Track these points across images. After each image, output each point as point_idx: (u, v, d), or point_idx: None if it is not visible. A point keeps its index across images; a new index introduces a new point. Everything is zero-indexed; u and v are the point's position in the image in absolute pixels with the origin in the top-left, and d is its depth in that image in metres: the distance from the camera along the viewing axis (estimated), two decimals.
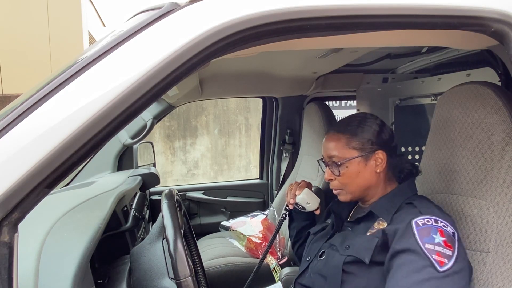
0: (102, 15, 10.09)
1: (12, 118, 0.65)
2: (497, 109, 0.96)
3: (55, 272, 0.90)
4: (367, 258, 1.01)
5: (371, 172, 1.11)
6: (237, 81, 2.26)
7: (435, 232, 0.92)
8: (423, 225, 0.94)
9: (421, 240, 0.92)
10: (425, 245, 0.91)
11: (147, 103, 0.68)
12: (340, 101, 4.08)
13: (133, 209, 1.78)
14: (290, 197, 1.30)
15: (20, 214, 0.62)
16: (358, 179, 1.12)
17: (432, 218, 0.95)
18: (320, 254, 1.17)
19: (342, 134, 1.13)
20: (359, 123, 1.14)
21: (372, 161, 1.11)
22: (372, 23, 0.77)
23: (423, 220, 0.95)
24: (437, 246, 0.90)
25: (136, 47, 0.70)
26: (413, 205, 1.03)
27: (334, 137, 1.14)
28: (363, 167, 1.11)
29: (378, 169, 1.11)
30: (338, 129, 1.15)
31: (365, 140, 1.11)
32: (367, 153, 1.11)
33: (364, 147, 1.11)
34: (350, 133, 1.12)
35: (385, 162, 1.11)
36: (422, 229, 0.94)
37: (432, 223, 0.94)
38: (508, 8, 0.78)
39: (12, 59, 6.69)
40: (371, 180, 1.12)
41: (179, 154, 6.05)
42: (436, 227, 0.93)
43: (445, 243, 0.91)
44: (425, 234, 0.93)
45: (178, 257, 0.86)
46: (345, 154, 1.11)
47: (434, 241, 0.91)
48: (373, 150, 1.11)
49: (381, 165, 1.11)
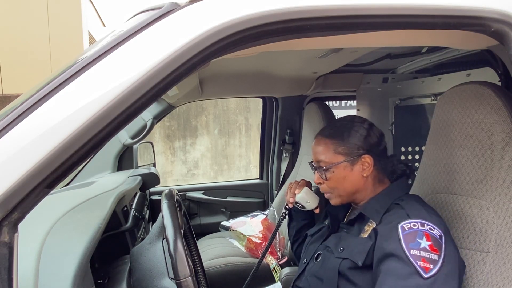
0: (102, 15, 10.09)
1: (12, 118, 0.65)
2: (497, 109, 0.96)
3: (55, 272, 0.90)
4: (360, 261, 1.01)
5: (358, 176, 1.12)
6: (237, 81, 2.26)
7: (420, 237, 0.92)
8: (409, 230, 0.94)
9: (406, 246, 0.91)
10: (410, 251, 0.90)
11: (147, 103, 0.68)
12: (340, 101, 4.07)
13: (133, 209, 1.78)
14: (290, 196, 1.31)
15: (20, 214, 0.62)
16: (345, 183, 1.12)
17: (419, 222, 0.95)
18: (316, 256, 1.17)
19: (329, 139, 1.14)
20: (346, 128, 1.14)
21: (358, 165, 1.11)
22: (372, 23, 0.77)
23: (409, 224, 0.95)
24: (422, 252, 0.90)
25: (136, 47, 0.70)
26: (400, 206, 1.03)
27: (321, 141, 1.16)
28: (349, 172, 1.12)
29: (365, 173, 1.12)
30: (325, 134, 1.16)
31: (352, 145, 1.12)
32: (354, 158, 1.11)
33: (351, 152, 1.11)
34: (336, 139, 1.13)
35: (372, 166, 1.12)
36: (408, 234, 0.93)
37: (418, 227, 0.94)
38: (508, 8, 0.78)
39: (12, 59, 6.69)
40: (359, 184, 1.13)
41: (179, 154, 6.05)
42: (422, 231, 0.93)
43: (431, 247, 0.91)
44: (411, 240, 0.92)
45: (178, 257, 0.86)
46: (332, 159, 1.12)
47: (419, 246, 0.91)
48: (360, 154, 1.11)
49: (368, 169, 1.11)
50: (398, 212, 1.02)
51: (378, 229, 1.02)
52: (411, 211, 1.00)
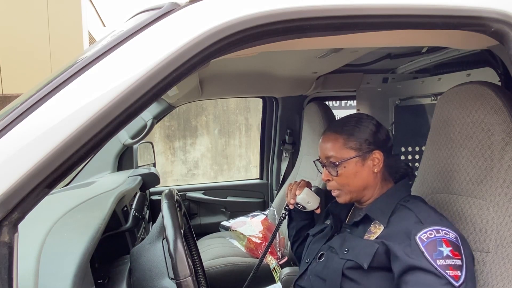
0: (102, 15, 10.09)
1: (12, 118, 0.65)
2: (497, 109, 0.96)
3: (55, 272, 0.90)
4: (366, 264, 1.00)
5: (368, 172, 1.11)
6: (237, 81, 2.26)
7: (440, 245, 0.92)
8: (428, 240, 0.93)
9: (431, 257, 0.91)
10: (437, 263, 0.90)
11: (147, 103, 0.68)
12: (340, 101, 4.08)
13: (133, 209, 1.78)
14: (291, 197, 1.30)
15: (20, 214, 0.62)
16: (356, 179, 1.11)
17: (434, 229, 0.94)
18: (319, 256, 1.17)
19: (339, 134, 1.13)
20: (355, 123, 1.13)
21: (369, 161, 1.11)
22: (372, 23, 0.77)
23: (425, 234, 0.94)
24: (447, 260, 0.90)
25: (136, 47, 0.70)
26: (408, 209, 1.03)
27: (331, 137, 1.14)
28: (360, 167, 1.11)
29: (376, 169, 1.11)
30: (335, 129, 1.15)
31: (362, 140, 1.11)
32: (365, 153, 1.10)
33: (362, 147, 1.11)
34: (347, 133, 1.12)
35: (382, 162, 1.11)
36: (428, 244, 0.93)
37: (435, 235, 0.93)
38: (508, 8, 0.78)
39: (12, 59, 6.69)
40: (369, 180, 1.12)
41: (179, 154, 6.04)
42: (440, 238, 0.93)
43: (452, 252, 0.91)
44: (433, 250, 0.92)
45: (178, 257, 0.86)
46: (343, 154, 1.11)
47: (443, 255, 0.91)
48: (370, 150, 1.11)
49: (378, 165, 1.11)
50: (406, 215, 1.02)
51: (387, 234, 1.01)
52: (421, 214, 0.99)
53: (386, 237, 1.01)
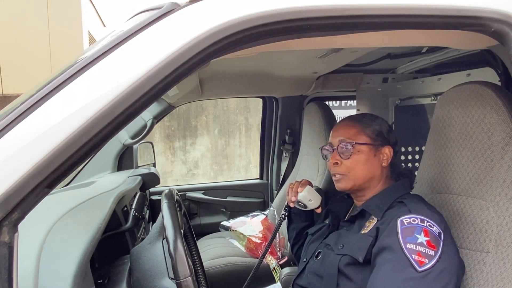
0: (102, 15, 10.10)
1: (12, 118, 0.65)
2: (497, 109, 0.96)
3: (55, 272, 0.90)
4: (361, 257, 1.01)
5: (377, 164, 1.14)
6: (237, 81, 2.26)
7: (419, 232, 0.93)
8: (408, 224, 0.95)
9: (403, 239, 0.93)
10: (406, 245, 0.91)
11: (147, 103, 0.68)
12: (340, 101, 4.08)
13: (133, 209, 1.78)
14: (292, 194, 1.30)
15: (20, 214, 0.62)
16: (365, 167, 1.13)
17: (419, 218, 0.96)
18: (316, 255, 1.18)
19: (358, 122, 1.18)
20: (373, 118, 1.19)
21: (380, 154, 1.15)
22: (372, 23, 0.77)
23: (408, 219, 0.96)
24: (418, 246, 0.91)
25: (136, 47, 0.70)
26: (403, 204, 1.04)
27: (350, 123, 1.19)
28: (372, 156, 1.14)
29: (384, 163, 1.15)
30: (353, 118, 1.21)
31: (378, 132, 1.15)
32: (378, 145, 1.15)
33: (377, 138, 1.15)
34: (365, 123, 1.17)
35: (391, 158, 1.15)
36: (406, 228, 0.94)
37: (417, 223, 0.95)
38: (508, 8, 0.78)
39: (12, 59, 6.69)
40: (376, 172, 1.14)
41: (179, 154, 6.04)
42: (421, 227, 0.94)
43: (428, 243, 0.92)
44: (408, 234, 0.93)
45: (178, 257, 0.86)
46: (359, 139, 1.14)
47: (416, 241, 0.92)
48: (383, 144, 1.15)
49: (387, 160, 1.15)
50: (400, 208, 1.03)
51: (380, 226, 1.02)
52: (413, 207, 1.01)
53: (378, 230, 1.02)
